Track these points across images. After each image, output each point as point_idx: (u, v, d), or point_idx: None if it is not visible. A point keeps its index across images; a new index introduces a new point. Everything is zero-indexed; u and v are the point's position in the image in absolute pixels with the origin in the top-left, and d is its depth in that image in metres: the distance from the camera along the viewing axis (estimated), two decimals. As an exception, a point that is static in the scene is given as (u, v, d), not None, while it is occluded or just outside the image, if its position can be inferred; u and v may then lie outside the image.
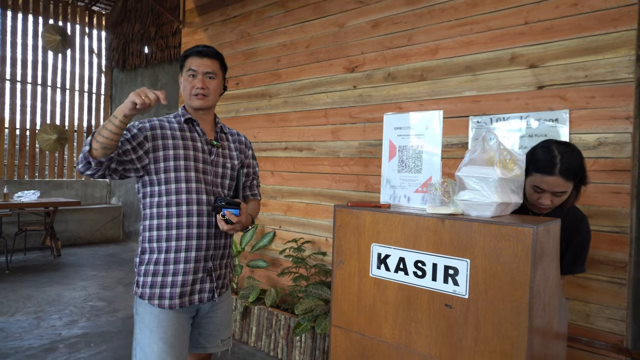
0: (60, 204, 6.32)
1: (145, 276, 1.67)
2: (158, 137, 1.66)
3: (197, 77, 1.70)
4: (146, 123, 1.67)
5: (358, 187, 3.21)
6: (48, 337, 3.48)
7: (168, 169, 1.65)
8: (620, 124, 2.13)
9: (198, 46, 1.73)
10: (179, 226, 1.65)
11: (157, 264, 1.66)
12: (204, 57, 1.71)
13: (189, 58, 1.73)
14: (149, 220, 1.69)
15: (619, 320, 2.13)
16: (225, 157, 1.81)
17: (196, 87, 1.70)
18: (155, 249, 1.67)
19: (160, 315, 1.65)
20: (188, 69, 1.72)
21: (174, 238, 1.65)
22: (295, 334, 2.93)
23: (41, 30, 7.54)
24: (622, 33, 2.13)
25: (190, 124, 1.75)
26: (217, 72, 1.75)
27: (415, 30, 2.89)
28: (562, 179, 1.54)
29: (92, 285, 5.05)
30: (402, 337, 1.26)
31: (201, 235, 1.68)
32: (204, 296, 1.73)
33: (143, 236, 1.71)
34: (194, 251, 1.67)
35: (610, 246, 2.15)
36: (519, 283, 1.05)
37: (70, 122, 8.04)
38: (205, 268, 1.72)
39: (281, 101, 3.75)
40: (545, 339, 1.19)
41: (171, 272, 1.65)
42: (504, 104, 2.49)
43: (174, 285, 1.65)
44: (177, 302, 1.66)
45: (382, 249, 1.31)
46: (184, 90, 1.74)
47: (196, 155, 1.70)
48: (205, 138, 1.76)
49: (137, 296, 1.69)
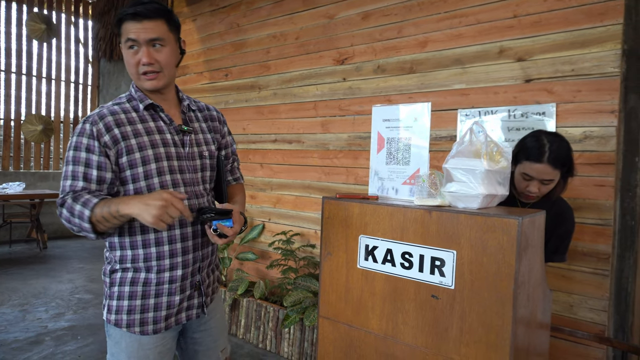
0: (46, 195, 6.24)
1: (120, 299, 1.35)
2: (119, 140, 1.29)
3: (141, 49, 1.30)
4: (99, 123, 1.29)
5: (348, 179, 3.22)
6: (34, 330, 3.45)
7: (137, 178, 1.31)
8: (606, 117, 2.16)
9: (134, 3, 1.30)
10: (158, 243, 1.34)
11: (134, 284, 1.35)
12: (143, 20, 1.28)
13: (124, 23, 1.30)
14: (118, 237, 1.35)
15: (601, 311, 2.18)
16: (200, 144, 1.46)
17: (142, 62, 1.30)
18: (131, 269, 1.36)
19: (142, 339, 1.36)
20: (126, 40, 1.30)
21: (154, 257, 1.34)
22: (284, 325, 2.94)
23: (25, 19, 7.37)
24: (608, 27, 2.15)
25: (151, 110, 1.39)
26: (164, 36, 1.32)
27: (405, 23, 2.88)
28: (550, 167, 1.59)
29: (79, 277, 5.00)
30: (389, 328, 1.27)
31: (187, 250, 1.38)
32: (192, 313, 1.46)
33: (113, 255, 1.38)
34: (179, 269, 1.37)
35: (594, 238, 2.19)
36: (504, 274, 1.06)
37: (56, 113, 7.91)
38: (193, 283, 1.43)
39: (270, 93, 3.73)
40: (529, 329, 1.21)
41: (153, 294, 1.35)
42: (493, 97, 2.50)
43: (157, 308, 1.36)
44: (163, 326, 1.38)
45: (369, 241, 1.32)
46: (128, 67, 1.34)
47: (168, 153, 1.35)
48: (174, 126, 1.40)
49: (111, 324, 1.37)
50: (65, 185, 1.27)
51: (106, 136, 1.28)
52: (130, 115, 1.35)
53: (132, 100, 1.39)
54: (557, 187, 1.70)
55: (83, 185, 1.26)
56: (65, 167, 1.29)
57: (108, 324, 1.40)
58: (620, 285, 2.18)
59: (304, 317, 2.88)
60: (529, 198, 1.71)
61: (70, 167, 1.28)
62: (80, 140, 1.28)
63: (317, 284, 2.97)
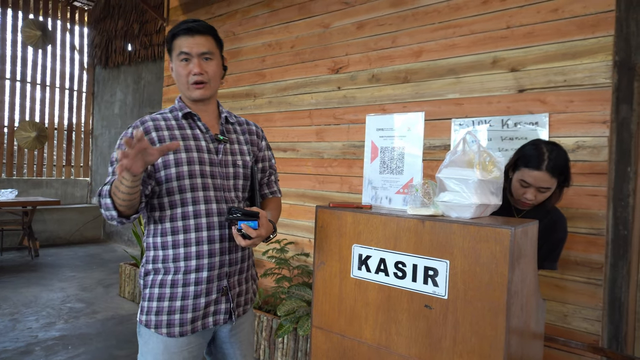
0: (38, 203, 6.18)
1: (150, 301, 1.44)
2: (155, 143, 1.40)
3: (192, 61, 1.43)
4: (139, 127, 1.42)
5: (342, 188, 3.21)
6: (24, 340, 3.39)
7: (170, 178, 1.40)
8: (598, 128, 2.18)
9: (186, 21, 1.43)
10: (186, 244, 1.41)
11: (162, 286, 1.43)
12: (195, 35, 1.42)
13: (177, 38, 1.44)
14: (152, 238, 1.46)
15: (595, 320, 2.18)
16: (235, 153, 1.53)
17: (193, 72, 1.43)
18: (161, 270, 1.44)
19: (168, 341, 1.42)
20: (179, 52, 1.43)
21: (182, 258, 1.41)
22: (278, 335, 2.92)
23: (21, 25, 7.36)
24: (599, 39, 2.18)
25: (190, 120, 1.49)
26: (214, 50, 1.47)
27: (399, 33, 2.91)
28: (548, 175, 1.61)
29: (71, 286, 4.95)
30: (382, 338, 1.27)
31: (213, 252, 1.43)
32: (219, 318, 1.48)
33: (147, 256, 1.48)
34: (205, 271, 1.42)
35: (587, 247, 2.20)
36: (497, 284, 1.06)
37: (51, 120, 7.88)
38: (220, 288, 1.46)
39: (265, 101, 3.73)
40: (522, 339, 1.20)
41: (180, 296, 1.41)
42: (486, 106, 2.52)
43: (184, 310, 1.42)
44: (189, 328, 1.42)
45: (363, 250, 1.31)
46: (178, 79, 1.47)
47: (201, 158, 1.44)
48: (210, 134, 1.49)
49: (142, 324, 1.45)
50: (105, 180, 1.39)
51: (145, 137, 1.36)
52: (169, 123, 1.46)
53: (174, 110, 1.51)
54: (552, 197, 1.72)
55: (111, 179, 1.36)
56: (109, 167, 1.43)
57: (140, 325, 1.47)
58: (614, 295, 2.19)
59: (297, 327, 2.86)
60: (525, 205, 1.72)
61: (112, 166, 1.40)
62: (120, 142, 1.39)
63: (311, 293, 2.95)
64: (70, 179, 8.12)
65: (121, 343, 3.42)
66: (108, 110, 8.01)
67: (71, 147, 8.22)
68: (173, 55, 1.46)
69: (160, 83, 6.56)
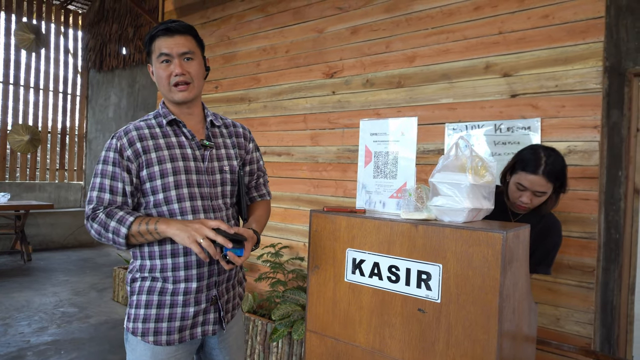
0: (31, 207, 6.14)
1: (137, 308, 1.40)
2: (140, 154, 1.36)
3: (173, 62, 1.39)
4: (123, 138, 1.38)
5: (336, 192, 3.22)
6: (15, 345, 3.36)
7: (155, 190, 1.37)
8: (589, 132, 2.20)
9: (164, 22, 1.40)
10: (174, 254, 1.38)
11: (150, 293, 1.40)
12: (175, 35, 1.38)
13: (156, 40, 1.40)
14: (139, 248, 1.42)
15: (587, 324, 2.19)
16: (221, 159, 1.50)
17: (174, 73, 1.38)
18: (149, 278, 1.41)
19: (156, 349, 1.39)
20: (159, 55, 1.39)
21: (170, 268, 1.38)
22: (272, 339, 2.91)
23: (14, 28, 7.34)
24: (590, 45, 2.21)
25: (174, 126, 1.45)
26: (194, 50, 1.43)
27: (393, 38, 2.93)
28: (544, 179, 1.64)
29: (64, 290, 4.91)
30: (376, 342, 1.27)
31: (202, 263, 1.41)
32: (208, 329, 1.46)
33: (134, 264, 1.45)
34: (194, 282, 1.39)
35: (579, 251, 2.22)
36: (489, 287, 1.07)
37: (44, 123, 7.84)
38: (209, 297, 1.44)
39: (260, 105, 3.74)
40: (514, 342, 1.21)
41: (168, 304, 1.39)
42: (479, 111, 2.54)
43: (171, 318, 1.39)
44: (177, 337, 1.39)
45: (357, 254, 1.32)
46: (159, 81, 1.42)
47: (187, 167, 1.40)
48: (196, 141, 1.45)
49: (129, 332, 1.42)
50: (93, 196, 1.36)
51: (129, 150, 1.37)
52: (153, 131, 1.42)
53: (158, 116, 1.46)
54: (548, 202, 1.74)
55: (110, 198, 1.35)
56: (93, 179, 1.38)
57: (127, 332, 1.44)
58: (606, 298, 2.21)
59: (292, 331, 2.86)
60: (521, 208, 1.75)
61: (98, 179, 1.37)
62: (107, 154, 1.38)
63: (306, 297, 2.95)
64: (64, 183, 8.07)
65: (114, 348, 3.40)
66: (102, 114, 7.99)
67: (65, 150, 8.17)
68: (153, 58, 1.42)
69: (154, 87, 6.55)
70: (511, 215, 1.82)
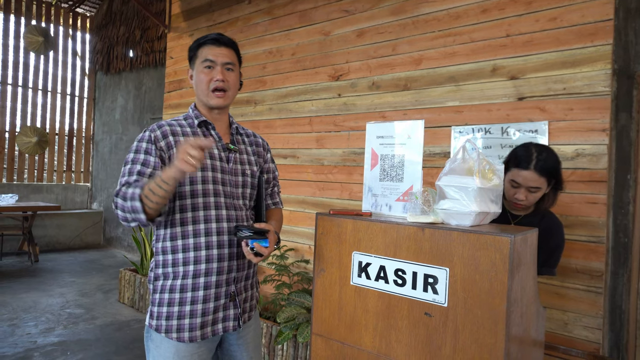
0: (39, 208, 6.18)
1: (160, 306, 1.46)
2: (172, 146, 1.45)
3: (216, 69, 1.49)
4: (157, 131, 1.46)
5: (342, 195, 3.22)
6: (23, 345, 3.38)
7: (182, 183, 1.43)
8: (597, 136, 2.19)
9: (212, 34, 1.53)
10: (196, 247, 1.45)
11: (172, 291, 1.45)
12: (221, 46, 1.51)
13: (203, 47, 1.51)
14: (162, 243, 1.48)
15: (596, 329, 2.17)
16: (243, 163, 1.59)
17: (215, 79, 1.48)
18: (170, 275, 1.46)
19: (179, 346, 1.45)
20: (204, 60, 1.49)
21: (192, 261, 1.44)
22: (277, 342, 2.91)
23: (23, 31, 7.41)
24: (598, 47, 2.19)
25: (204, 128, 1.55)
26: (235, 63, 1.55)
27: (399, 40, 2.92)
28: (536, 174, 1.65)
29: (70, 291, 4.94)
30: (382, 346, 1.26)
31: (222, 257, 1.47)
32: (228, 325, 1.52)
33: (156, 260, 1.50)
34: (214, 275, 1.46)
35: (587, 255, 2.20)
36: (497, 291, 1.06)
37: (52, 125, 7.90)
38: (228, 293, 1.50)
39: (266, 108, 3.75)
40: (522, 347, 1.20)
41: (189, 301, 1.45)
42: (486, 114, 2.53)
43: (193, 315, 1.45)
44: (199, 334, 1.45)
45: (363, 257, 1.31)
46: (198, 85, 1.52)
47: (213, 165, 1.49)
48: (222, 143, 1.55)
49: (152, 329, 1.48)
50: (122, 180, 1.39)
51: (162, 142, 1.45)
52: (184, 130, 1.51)
53: (188, 118, 1.56)
54: (546, 199, 1.74)
55: (140, 169, 1.39)
56: (123, 167, 1.42)
57: (150, 329, 1.49)
58: (615, 303, 2.18)
59: (297, 334, 2.85)
60: (518, 206, 1.74)
61: (128, 166, 1.41)
62: (140, 145, 1.43)
63: (311, 300, 2.95)
64: (71, 185, 8.13)
65: (120, 349, 3.41)
66: (109, 116, 8.04)
67: (72, 152, 8.23)
68: (196, 62, 1.53)
69: (161, 89, 6.58)
70: (510, 217, 1.81)
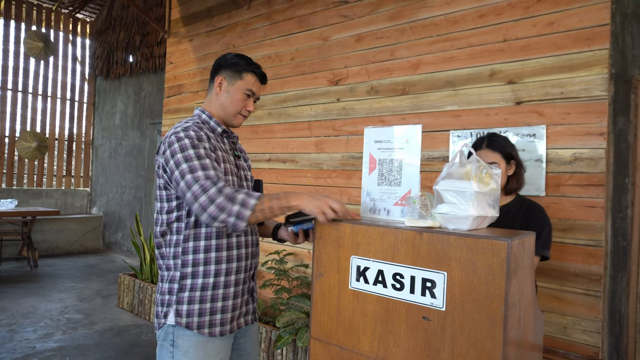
0: (38, 213, 6.18)
1: (191, 304, 1.52)
2: (214, 149, 1.57)
3: (251, 99, 1.69)
4: (200, 132, 1.55)
5: (341, 199, 3.22)
6: (21, 351, 3.37)
7: None
8: (595, 139, 2.19)
9: (260, 68, 1.71)
10: (229, 247, 1.56)
11: (204, 289, 1.52)
12: (264, 84, 1.74)
13: (251, 74, 1.67)
14: (193, 242, 1.53)
15: (595, 332, 2.17)
16: (245, 169, 1.77)
17: (247, 108, 1.68)
18: (201, 273, 1.53)
19: (207, 345, 1.52)
20: (248, 89, 1.66)
21: (225, 260, 1.55)
22: (277, 347, 2.90)
23: (23, 37, 7.44)
24: (595, 52, 2.20)
25: (224, 136, 1.72)
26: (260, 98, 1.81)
27: (397, 45, 2.94)
28: (489, 150, 1.86)
29: (70, 297, 4.93)
30: (380, 350, 1.26)
31: (248, 255, 1.63)
32: (248, 318, 1.69)
33: (183, 260, 1.54)
34: (243, 272, 1.60)
35: (586, 259, 2.20)
36: (494, 295, 1.06)
37: (51, 130, 7.91)
38: (249, 288, 1.67)
39: (265, 113, 3.76)
40: (520, 351, 1.20)
41: (221, 297, 1.54)
42: (484, 118, 2.54)
43: (224, 310, 1.55)
44: (228, 328, 1.57)
45: (361, 262, 1.31)
46: (232, 103, 1.66)
47: (232, 169, 1.64)
48: (233, 151, 1.74)
49: (182, 326, 1.51)
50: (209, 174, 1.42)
51: (207, 143, 1.54)
52: (210, 134, 1.62)
53: (206, 123, 1.67)
54: (510, 180, 1.88)
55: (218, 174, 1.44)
56: (190, 163, 1.43)
57: (175, 331, 1.52)
58: (614, 307, 2.18)
59: (296, 338, 2.85)
60: None
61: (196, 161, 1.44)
62: (193, 142, 1.48)
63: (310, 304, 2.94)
64: (70, 189, 8.13)
65: (119, 354, 3.40)
66: (109, 121, 8.05)
67: (71, 157, 8.24)
68: (238, 82, 1.65)
69: (160, 94, 6.60)
70: None
